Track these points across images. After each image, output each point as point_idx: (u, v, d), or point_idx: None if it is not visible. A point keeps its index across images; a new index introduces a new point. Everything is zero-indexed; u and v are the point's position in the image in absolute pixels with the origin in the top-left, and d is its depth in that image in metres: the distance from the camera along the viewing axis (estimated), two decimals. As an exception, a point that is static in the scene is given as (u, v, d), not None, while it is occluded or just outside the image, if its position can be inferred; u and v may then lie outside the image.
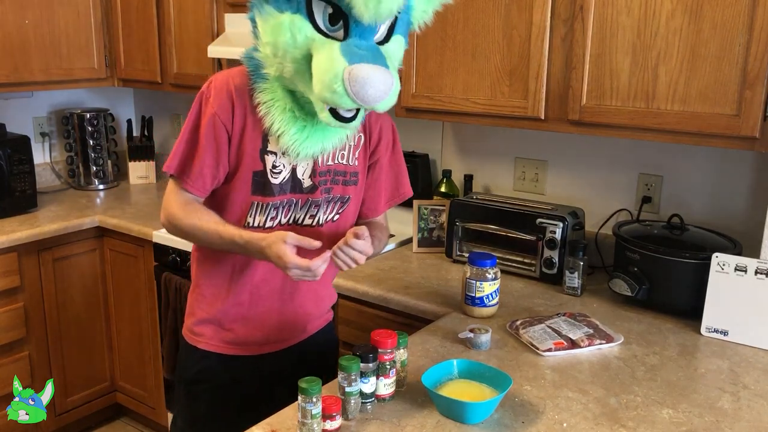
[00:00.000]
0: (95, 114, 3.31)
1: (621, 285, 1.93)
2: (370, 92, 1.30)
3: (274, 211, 1.54)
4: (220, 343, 1.64)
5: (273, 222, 1.55)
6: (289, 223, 1.57)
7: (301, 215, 1.57)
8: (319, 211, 1.58)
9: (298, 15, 1.32)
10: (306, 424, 1.25)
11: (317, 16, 1.33)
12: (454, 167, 2.59)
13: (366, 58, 1.31)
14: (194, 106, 1.51)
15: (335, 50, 1.31)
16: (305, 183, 1.55)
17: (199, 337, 1.65)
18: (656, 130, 1.81)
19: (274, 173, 1.51)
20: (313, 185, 1.56)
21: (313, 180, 1.55)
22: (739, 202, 2.07)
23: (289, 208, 1.55)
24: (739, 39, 1.65)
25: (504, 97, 2.06)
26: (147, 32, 3.00)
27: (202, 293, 1.64)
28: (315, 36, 1.34)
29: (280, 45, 1.35)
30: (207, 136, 1.48)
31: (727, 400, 1.47)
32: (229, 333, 1.63)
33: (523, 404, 1.42)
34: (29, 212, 2.88)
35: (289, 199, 1.54)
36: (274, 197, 1.52)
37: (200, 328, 1.65)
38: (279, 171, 1.52)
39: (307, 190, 1.56)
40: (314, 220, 1.59)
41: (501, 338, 1.73)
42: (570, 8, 1.89)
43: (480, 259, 1.82)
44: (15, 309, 2.66)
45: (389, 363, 1.38)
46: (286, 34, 1.34)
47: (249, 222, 1.54)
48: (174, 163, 1.52)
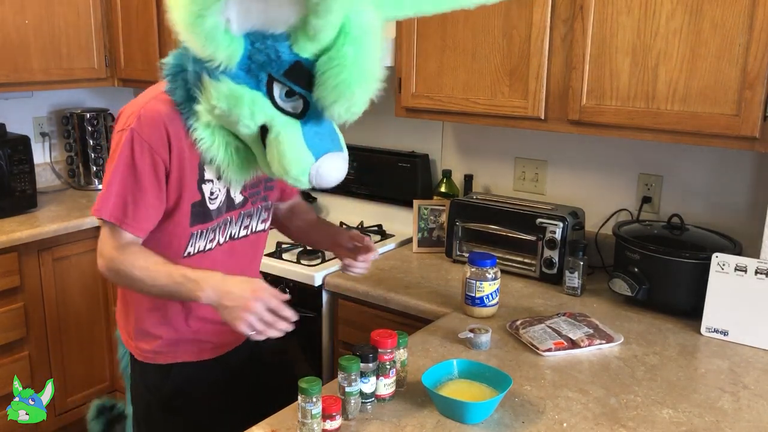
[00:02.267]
0: (95, 114, 3.31)
1: (621, 285, 1.93)
2: (331, 183, 1.34)
3: (212, 233, 1.54)
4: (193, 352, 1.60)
5: (212, 243, 1.55)
6: (226, 240, 1.57)
7: (236, 229, 1.59)
8: (252, 220, 1.62)
9: (259, 92, 1.27)
10: (306, 424, 1.25)
11: (275, 92, 1.28)
12: (454, 167, 2.59)
13: (327, 147, 1.31)
14: (124, 142, 1.39)
15: (299, 139, 1.29)
16: (237, 200, 1.56)
17: (170, 354, 1.59)
18: (656, 130, 1.81)
19: (211, 200, 1.50)
20: (244, 199, 1.57)
21: (244, 194, 1.57)
22: (739, 202, 2.06)
23: (225, 227, 1.56)
24: (739, 39, 1.65)
25: (504, 97, 2.06)
26: (147, 32, 3.00)
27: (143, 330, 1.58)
28: (276, 116, 1.29)
29: (234, 115, 1.29)
30: (147, 175, 1.40)
31: (727, 400, 1.46)
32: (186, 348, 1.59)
33: (523, 404, 1.42)
34: (29, 212, 2.88)
35: (225, 219, 1.55)
36: (212, 221, 1.52)
37: (152, 354, 1.59)
38: (216, 197, 1.51)
39: (239, 205, 1.57)
40: (248, 230, 1.62)
41: (501, 338, 1.73)
42: (570, 8, 1.89)
43: (480, 259, 1.82)
44: (15, 309, 2.66)
45: (389, 363, 1.38)
46: (244, 108, 1.28)
47: (190, 251, 1.51)
48: (110, 208, 1.40)
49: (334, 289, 2.17)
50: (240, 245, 1.61)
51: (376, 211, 2.72)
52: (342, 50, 1.21)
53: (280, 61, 1.24)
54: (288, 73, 1.25)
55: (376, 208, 2.73)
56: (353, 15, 1.21)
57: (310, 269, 2.21)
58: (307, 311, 2.20)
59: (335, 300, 2.20)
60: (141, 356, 1.60)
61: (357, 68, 1.22)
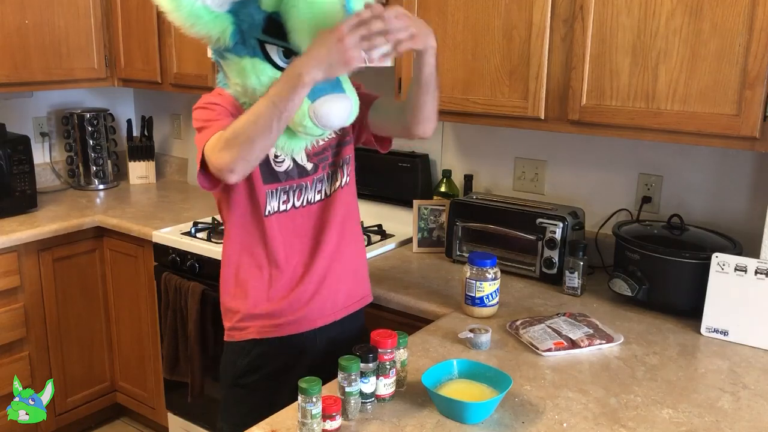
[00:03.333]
0: (95, 114, 3.32)
1: (621, 285, 1.93)
2: (335, 122, 1.47)
3: (285, 195, 1.63)
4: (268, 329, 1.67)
5: (286, 206, 1.64)
6: (303, 204, 1.66)
7: (311, 195, 1.67)
8: (323, 184, 1.69)
9: (257, 58, 1.44)
10: (306, 424, 1.25)
11: (273, 55, 1.44)
12: (454, 167, 2.59)
13: (324, 90, 1.42)
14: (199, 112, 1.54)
15: None
16: (308, 167, 1.65)
17: (246, 331, 1.68)
18: (656, 129, 1.81)
19: (277, 163, 1.60)
20: (314, 165, 1.65)
21: (312, 161, 1.65)
22: (739, 202, 2.06)
23: (300, 192, 1.65)
24: (739, 39, 1.65)
25: (504, 97, 2.06)
26: (147, 32, 3.00)
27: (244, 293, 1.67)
28: (276, 74, 1.43)
29: (248, 86, 1.46)
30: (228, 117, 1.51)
31: (727, 400, 1.47)
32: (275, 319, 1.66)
33: (523, 404, 1.42)
34: (29, 212, 2.88)
35: (299, 184, 1.64)
36: (282, 183, 1.62)
37: (245, 323, 1.68)
38: (282, 160, 1.61)
39: (312, 171, 1.65)
40: (322, 194, 1.69)
41: (501, 338, 1.73)
42: (570, 8, 1.89)
43: (480, 259, 1.82)
44: (15, 309, 2.66)
45: (389, 363, 1.38)
46: (251, 76, 1.45)
47: (269, 210, 1.62)
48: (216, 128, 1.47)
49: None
50: (319, 209, 1.69)
51: (376, 211, 2.72)
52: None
53: (256, 21, 1.37)
54: (266, 31, 1.38)
55: (376, 208, 2.73)
56: None
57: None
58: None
59: (335, 300, 2.20)
60: (226, 335, 1.73)
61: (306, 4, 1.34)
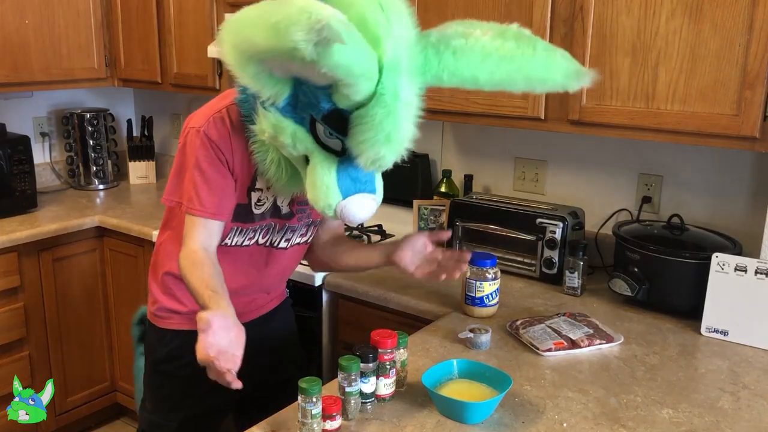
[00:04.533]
0: (95, 114, 3.31)
1: (621, 285, 1.93)
2: (356, 222, 1.45)
3: (253, 233, 1.62)
4: (189, 322, 1.64)
5: (250, 242, 1.63)
6: (266, 245, 1.66)
7: (277, 238, 1.67)
8: (294, 234, 1.69)
9: (301, 127, 1.34)
10: (306, 424, 1.25)
11: (319, 131, 1.34)
12: (454, 167, 2.59)
13: (357, 188, 1.38)
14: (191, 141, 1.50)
15: (331, 176, 1.35)
16: (283, 210, 1.63)
17: (167, 320, 1.70)
18: (656, 130, 1.81)
19: (257, 206, 1.59)
20: (290, 212, 1.64)
21: (291, 208, 1.64)
22: (739, 202, 2.06)
23: (267, 231, 1.64)
24: (739, 39, 1.65)
25: (504, 97, 2.05)
26: (147, 32, 2.99)
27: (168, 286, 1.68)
28: (315, 150, 1.36)
29: (279, 141, 1.37)
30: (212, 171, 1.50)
31: (727, 400, 1.47)
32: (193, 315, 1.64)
33: (523, 404, 1.42)
34: (29, 212, 2.88)
35: (269, 224, 1.63)
36: (254, 223, 1.60)
37: (166, 312, 1.70)
38: (262, 204, 1.59)
39: (285, 216, 1.64)
40: (288, 243, 1.69)
41: (501, 338, 1.73)
42: (570, 8, 1.89)
43: (480, 259, 1.82)
44: (15, 309, 2.66)
45: (389, 363, 1.38)
46: (287, 138, 1.35)
47: (227, 243, 1.60)
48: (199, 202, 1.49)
49: (335, 288, 2.17)
50: (278, 254, 1.69)
51: (376, 211, 2.72)
52: (372, 111, 1.26)
53: (320, 106, 1.30)
54: (326, 118, 1.30)
55: (376, 208, 2.72)
56: (388, 80, 1.25)
57: (310, 269, 2.20)
58: (307, 311, 2.20)
59: (335, 300, 2.20)
60: (148, 314, 1.75)
61: (383, 130, 1.27)
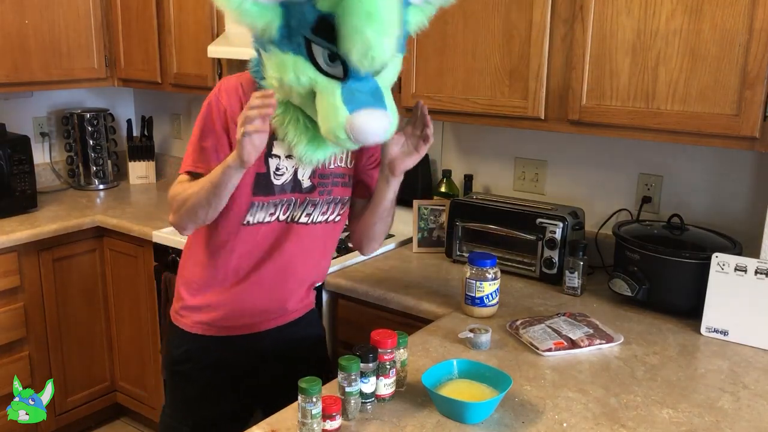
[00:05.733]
0: (95, 114, 3.31)
1: (621, 285, 1.93)
2: (371, 139, 1.37)
3: (273, 208, 1.59)
4: (207, 326, 1.68)
5: (271, 218, 1.61)
6: (287, 220, 1.63)
7: (298, 213, 1.63)
8: (315, 210, 1.64)
9: (300, 57, 1.35)
10: (306, 424, 1.25)
11: (317, 56, 1.35)
12: (454, 167, 2.59)
13: (365, 103, 1.35)
14: (204, 108, 1.56)
15: (337, 97, 1.34)
16: (304, 183, 1.60)
17: (188, 319, 1.70)
18: (656, 130, 1.81)
19: (277, 175, 1.57)
20: (312, 186, 1.61)
21: (312, 181, 1.61)
22: (739, 202, 2.06)
23: (287, 207, 1.61)
24: (739, 39, 1.65)
25: (504, 97, 2.06)
26: (147, 32, 2.99)
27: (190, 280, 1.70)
28: (317, 77, 1.36)
29: (285, 81, 1.39)
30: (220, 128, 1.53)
31: (727, 400, 1.47)
32: (216, 316, 1.67)
33: (523, 404, 1.42)
34: (29, 212, 2.88)
35: (289, 198, 1.60)
36: (274, 196, 1.58)
37: (187, 311, 1.70)
38: (282, 173, 1.57)
39: (306, 190, 1.61)
40: (309, 218, 1.65)
41: (501, 338, 1.73)
42: (570, 8, 1.89)
43: (480, 259, 1.82)
44: (15, 309, 2.66)
45: (389, 363, 1.38)
46: (290, 73, 1.37)
47: (249, 220, 1.59)
48: (188, 162, 1.57)
49: (334, 288, 2.17)
50: (301, 230, 1.64)
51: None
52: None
53: (308, 19, 1.31)
54: (315, 30, 1.31)
55: (376, 208, 2.72)
56: None
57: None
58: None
59: (335, 300, 2.20)
60: (171, 316, 1.75)
61: (363, 8, 1.26)
